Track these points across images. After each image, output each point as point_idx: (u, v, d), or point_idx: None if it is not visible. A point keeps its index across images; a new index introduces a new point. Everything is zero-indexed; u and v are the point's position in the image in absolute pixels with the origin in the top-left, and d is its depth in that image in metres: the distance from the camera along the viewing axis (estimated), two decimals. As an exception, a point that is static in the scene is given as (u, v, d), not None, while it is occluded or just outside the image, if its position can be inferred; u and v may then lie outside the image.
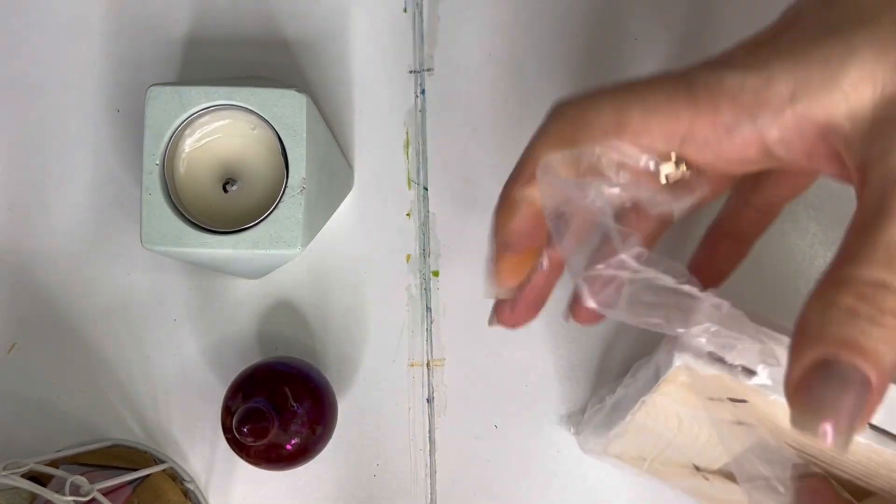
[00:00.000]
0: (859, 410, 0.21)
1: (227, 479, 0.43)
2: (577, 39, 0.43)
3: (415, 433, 0.42)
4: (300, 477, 0.42)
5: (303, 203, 0.35)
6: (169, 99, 0.36)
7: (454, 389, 0.42)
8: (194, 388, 0.43)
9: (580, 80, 0.42)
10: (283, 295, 0.43)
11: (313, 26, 0.43)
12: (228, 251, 0.36)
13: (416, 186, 0.43)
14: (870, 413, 0.21)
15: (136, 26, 0.44)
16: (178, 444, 0.43)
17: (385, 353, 0.43)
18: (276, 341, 0.43)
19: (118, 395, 0.43)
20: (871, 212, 0.22)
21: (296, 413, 0.37)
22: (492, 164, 0.43)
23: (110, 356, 0.43)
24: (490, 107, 0.43)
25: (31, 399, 0.43)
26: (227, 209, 0.37)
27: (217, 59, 0.44)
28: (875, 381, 0.21)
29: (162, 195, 0.36)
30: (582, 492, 0.42)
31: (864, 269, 0.21)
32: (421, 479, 0.42)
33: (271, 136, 0.36)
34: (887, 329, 0.21)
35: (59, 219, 0.44)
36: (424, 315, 0.43)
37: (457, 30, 0.43)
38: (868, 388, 0.21)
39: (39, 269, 0.43)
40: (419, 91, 0.43)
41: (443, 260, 0.43)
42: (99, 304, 0.43)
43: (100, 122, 0.44)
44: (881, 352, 0.21)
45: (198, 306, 0.43)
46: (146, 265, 0.43)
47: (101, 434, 0.43)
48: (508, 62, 0.43)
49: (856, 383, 0.21)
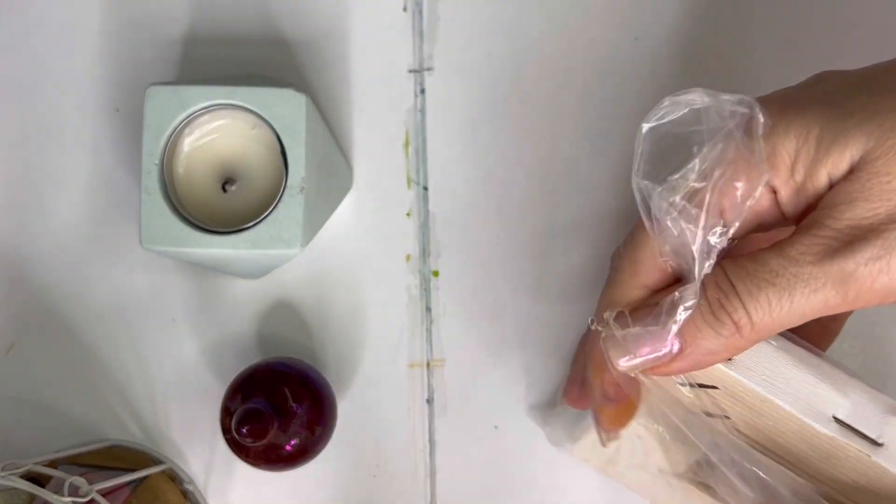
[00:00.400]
0: (647, 357, 0.27)
1: (227, 480, 0.42)
2: (577, 39, 0.43)
3: (414, 434, 0.42)
4: (300, 478, 0.42)
5: (302, 203, 0.35)
6: (168, 98, 0.36)
7: (454, 390, 0.42)
8: (193, 388, 0.43)
9: (580, 80, 0.42)
10: (282, 295, 0.43)
11: (313, 25, 0.43)
12: (228, 251, 0.36)
13: (416, 186, 0.43)
14: (642, 367, 0.27)
15: (135, 25, 0.44)
16: (176, 445, 0.43)
17: (385, 353, 0.42)
18: (276, 341, 0.43)
19: (117, 395, 0.43)
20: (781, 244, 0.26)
21: (295, 414, 0.37)
22: (492, 164, 0.43)
23: (109, 356, 0.43)
24: (490, 107, 0.43)
25: (30, 399, 0.43)
26: (227, 209, 0.37)
27: (216, 59, 0.43)
28: (674, 354, 0.27)
29: (161, 195, 0.36)
30: (582, 492, 0.42)
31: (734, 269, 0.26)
32: (420, 479, 0.42)
33: (271, 136, 0.36)
34: (717, 327, 0.26)
35: (58, 219, 0.43)
36: (424, 315, 0.43)
37: (457, 29, 0.43)
38: (668, 354, 0.27)
39: (38, 270, 0.43)
40: (419, 90, 0.43)
41: (443, 260, 0.43)
42: (98, 305, 0.43)
43: (98, 121, 0.44)
44: (701, 340, 0.26)
45: (197, 306, 0.43)
46: (145, 265, 0.43)
47: (99, 434, 0.43)
48: (508, 62, 0.43)
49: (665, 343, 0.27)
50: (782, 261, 0.25)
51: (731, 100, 0.26)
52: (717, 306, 0.26)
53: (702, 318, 0.26)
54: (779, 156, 0.26)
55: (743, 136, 0.26)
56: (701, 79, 0.42)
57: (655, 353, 0.27)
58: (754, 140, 0.26)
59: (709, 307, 0.26)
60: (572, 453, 0.39)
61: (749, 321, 0.26)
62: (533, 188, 0.43)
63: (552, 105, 0.42)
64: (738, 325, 0.26)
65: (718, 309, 0.26)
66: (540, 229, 0.43)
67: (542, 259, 0.43)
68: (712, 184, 0.26)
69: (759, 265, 0.26)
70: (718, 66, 0.42)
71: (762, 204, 0.27)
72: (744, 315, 0.26)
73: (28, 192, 0.44)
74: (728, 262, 0.27)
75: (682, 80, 0.42)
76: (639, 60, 0.42)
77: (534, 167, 0.43)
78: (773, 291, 0.25)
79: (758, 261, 0.26)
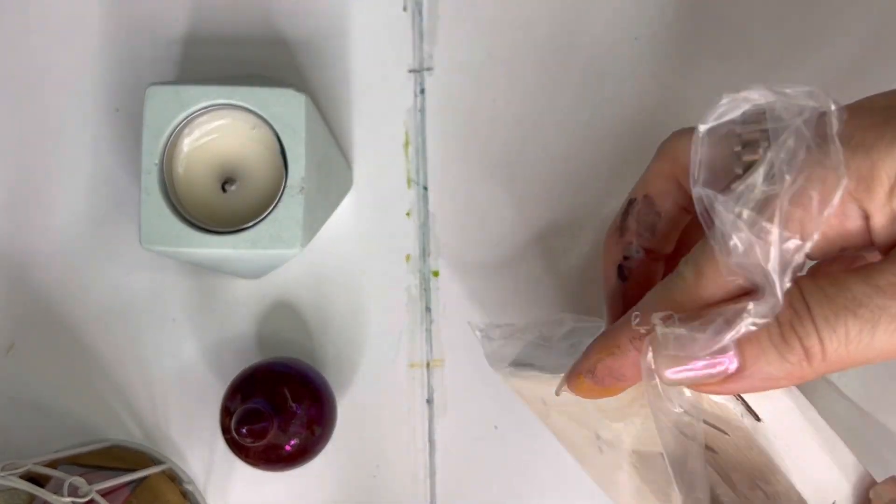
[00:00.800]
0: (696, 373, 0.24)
1: (226, 480, 0.42)
2: (578, 39, 0.43)
3: (414, 434, 0.42)
4: (299, 478, 0.42)
5: (302, 203, 0.35)
6: (168, 98, 0.35)
7: (454, 390, 0.42)
8: (193, 388, 0.43)
9: (580, 80, 0.42)
10: (282, 295, 0.43)
11: (313, 25, 0.43)
12: (227, 251, 0.36)
13: (415, 186, 0.43)
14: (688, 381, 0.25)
15: (135, 25, 0.44)
16: (176, 445, 0.43)
17: (384, 353, 0.42)
18: (276, 341, 0.43)
19: (117, 395, 0.43)
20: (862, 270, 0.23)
21: (295, 414, 0.37)
22: (492, 163, 0.43)
23: (109, 356, 0.43)
24: (490, 107, 0.43)
25: (30, 399, 0.43)
26: (226, 209, 0.37)
27: (216, 58, 0.43)
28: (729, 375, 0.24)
29: (160, 195, 0.36)
30: (582, 493, 0.42)
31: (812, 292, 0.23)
32: (420, 479, 0.42)
33: (270, 136, 0.36)
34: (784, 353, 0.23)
35: (58, 219, 0.43)
36: (424, 315, 0.43)
37: (457, 29, 0.43)
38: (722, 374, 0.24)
39: (38, 270, 0.43)
40: (419, 90, 0.43)
41: (443, 260, 0.43)
42: (97, 305, 0.43)
43: (98, 121, 0.44)
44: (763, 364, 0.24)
45: (197, 306, 0.43)
46: (145, 265, 0.43)
47: (99, 435, 0.43)
48: (508, 62, 0.43)
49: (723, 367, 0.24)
50: (868, 289, 0.23)
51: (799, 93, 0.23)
52: (787, 329, 0.23)
53: (769, 340, 0.24)
54: (877, 177, 0.23)
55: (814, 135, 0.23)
56: (701, 79, 0.42)
57: (709, 369, 0.24)
58: (828, 140, 0.23)
59: (778, 329, 0.24)
60: (506, 381, 0.37)
61: (821, 350, 0.23)
62: (533, 188, 0.43)
63: (552, 105, 0.42)
64: (809, 352, 0.23)
65: (789, 332, 0.23)
66: (540, 229, 0.43)
67: (542, 259, 0.43)
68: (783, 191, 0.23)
69: (841, 290, 0.23)
70: (719, 67, 0.42)
71: (849, 227, 0.24)
72: (817, 343, 0.23)
73: (28, 192, 0.44)
74: (805, 282, 0.24)
75: (682, 80, 0.42)
76: (639, 60, 0.42)
77: (534, 167, 0.43)
78: (854, 322, 0.23)
79: (840, 285, 0.23)
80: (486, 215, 0.43)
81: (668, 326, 0.25)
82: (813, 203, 0.23)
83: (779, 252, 0.23)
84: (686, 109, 0.42)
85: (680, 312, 0.25)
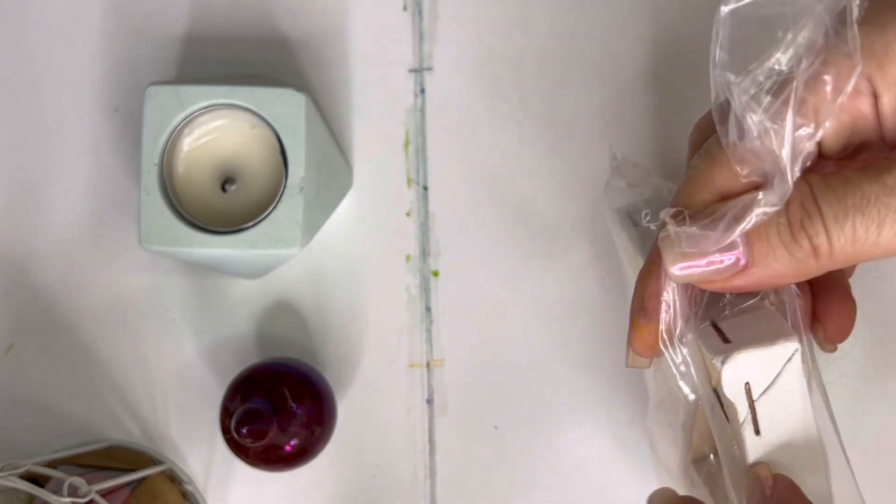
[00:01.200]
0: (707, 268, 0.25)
1: (226, 481, 0.42)
2: (578, 39, 0.43)
3: (414, 434, 0.42)
4: (299, 478, 0.42)
5: (302, 203, 0.35)
6: (167, 98, 0.36)
7: (454, 390, 0.42)
8: (193, 388, 0.43)
9: (580, 80, 0.42)
10: (282, 295, 0.43)
11: (312, 25, 0.43)
12: (227, 251, 0.36)
13: (415, 186, 0.43)
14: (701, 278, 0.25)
15: (134, 25, 0.44)
16: (176, 446, 0.43)
17: (384, 353, 0.42)
18: (275, 342, 0.43)
19: (116, 395, 0.43)
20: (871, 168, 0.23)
21: (295, 414, 0.37)
22: (492, 164, 0.43)
23: (108, 357, 0.43)
24: (490, 107, 0.43)
25: (29, 400, 0.43)
26: (226, 209, 0.37)
27: (216, 58, 0.43)
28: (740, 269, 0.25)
29: (160, 195, 0.36)
30: (582, 493, 0.42)
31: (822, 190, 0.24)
32: (420, 480, 0.42)
33: (270, 136, 0.36)
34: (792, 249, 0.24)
35: (57, 218, 0.43)
36: (424, 315, 0.43)
37: (457, 29, 0.43)
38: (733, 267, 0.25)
39: (37, 270, 0.43)
40: (419, 90, 0.43)
41: (443, 260, 0.43)
42: (97, 305, 0.43)
43: (98, 121, 0.44)
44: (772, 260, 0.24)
45: (196, 306, 0.43)
46: (144, 265, 0.43)
47: (99, 435, 0.43)
48: (508, 62, 0.43)
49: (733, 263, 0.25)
50: (876, 188, 0.23)
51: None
52: (797, 227, 0.24)
53: (778, 237, 0.24)
54: (891, 56, 0.23)
55: (834, 21, 0.23)
56: (701, 80, 0.42)
57: (717, 265, 0.25)
58: (847, 26, 0.23)
59: (788, 226, 0.24)
60: (607, 220, 0.36)
61: (829, 247, 0.24)
62: (533, 188, 0.43)
63: (552, 105, 0.42)
64: (817, 250, 0.24)
65: (799, 230, 0.24)
66: (540, 229, 0.43)
67: (542, 259, 0.42)
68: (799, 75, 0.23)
69: (850, 188, 0.23)
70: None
71: (859, 108, 0.24)
72: (825, 241, 0.24)
73: (27, 192, 0.44)
74: (816, 180, 0.24)
75: (682, 80, 0.42)
76: (639, 60, 0.42)
77: (534, 167, 0.43)
78: (861, 220, 0.23)
79: (849, 183, 0.23)
80: (485, 215, 0.43)
81: (679, 225, 0.25)
82: (827, 89, 0.23)
83: (791, 138, 0.23)
84: (687, 110, 0.42)
85: (693, 207, 0.26)
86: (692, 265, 0.25)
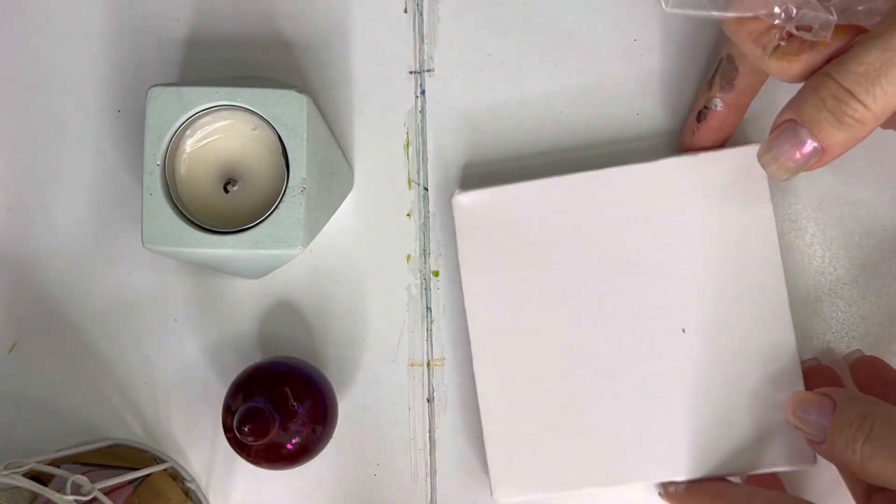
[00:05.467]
0: (799, 159, 0.32)
1: (228, 479, 0.43)
2: (577, 40, 0.43)
3: (415, 433, 0.42)
4: (300, 476, 0.42)
5: (303, 203, 0.35)
6: (170, 99, 0.36)
7: (454, 389, 0.42)
8: (195, 387, 0.43)
9: (580, 80, 0.43)
10: (283, 295, 0.43)
11: (314, 27, 0.43)
12: (229, 251, 0.36)
13: (416, 186, 0.43)
14: (806, 167, 0.32)
15: (137, 27, 0.44)
16: (178, 444, 0.43)
17: (385, 352, 0.43)
18: (277, 341, 0.43)
19: (119, 394, 0.43)
20: (874, 35, 0.29)
21: (296, 413, 0.37)
22: (491, 164, 0.43)
23: (111, 356, 0.43)
24: (490, 107, 0.43)
25: (32, 399, 0.43)
26: (228, 209, 0.37)
27: (218, 60, 0.44)
28: (821, 152, 0.31)
29: (163, 195, 0.36)
30: (581, 491, 0.42)
31: (844, 77, 0.30)
32: (421, 478, 0.42)
33: (272, 137, 0.36)
34: (844, 126, 0.30)
35: (60, 219, 0.44)
36: (424, 315, 0.43)
37: (457, 30, 0.43)
38: (816, 152, 0.31)
39: (40, 270, 0.44)
40: (419, 91, 0.43)
41: (443, 260, 0.43)
42: (100, 305, 0.43)
43: (101, 122, 0.44)
44: (834, 137, 0.31)
45: (198, 306, 0.43)
46: (147, 265, 0.43)
47: (101, 434, 0.43)
48: (508, 62, 0.43)
49: (805, 143, 0.31)
50: (883, 55, 0.29)
51: None
52: (839, 113, 0.30)
53: (830, 126, 0.30)
54: None
55: None
56: (701, 81, 0.42)
57: (807, 159, 0.32)
58: None
59: (832, 116, 0.30)
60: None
61: (871, 113, 0.30)
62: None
63: (551, 106, 0.43)
64: (863, 120, 0.30)
65: (842, 115, 0.30)
66: (539, 229, 0.43)
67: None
68: None
69: (867, 64, 0.29)
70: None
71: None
72: (865, 111, 0.29)
73: (30, 193, 0.44)
74: (836, 70, 0.30)
75: (682, 80, 0.42)
76: (639, 61, 0.42)
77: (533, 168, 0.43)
78: (885, 82, 0.29)
79: (862, 60, 0.29)
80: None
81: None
82: None
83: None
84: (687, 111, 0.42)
85: None
86: (784, 156, 0.32)
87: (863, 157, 0.41)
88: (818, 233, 0.41)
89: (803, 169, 0.32)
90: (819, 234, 0.41)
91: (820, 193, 0.41)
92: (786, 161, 0.32)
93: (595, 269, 0.39)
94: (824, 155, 0.31)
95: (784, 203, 0.41)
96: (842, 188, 0.41)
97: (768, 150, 0.33)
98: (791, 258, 0.41)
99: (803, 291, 0.41)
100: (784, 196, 0.41)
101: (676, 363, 0.39)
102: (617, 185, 0.39)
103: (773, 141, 0.32)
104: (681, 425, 0.39)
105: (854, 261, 0.41)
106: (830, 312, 0.41)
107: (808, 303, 0.41)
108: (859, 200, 0.41)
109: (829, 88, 0.30)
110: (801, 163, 0.32)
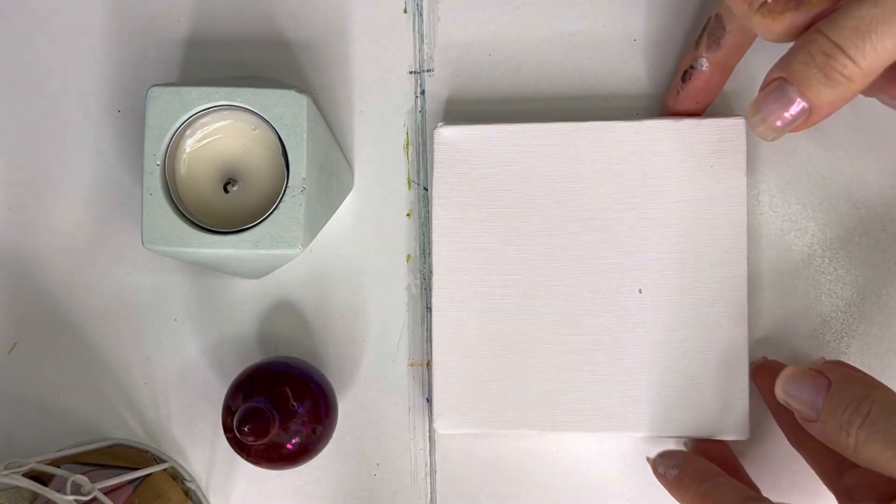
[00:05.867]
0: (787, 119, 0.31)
1: (228, 479, 0.43)
2: (577, 39, 0.43)
3: (415, 432, 0.42)
4: (300, 476, 0.42)
5: (303, 203, 0.36)
6: (170, 99, 0.36)
7: (454, 389, 0.42)
8: (195, 387, 0.43)
9: (580, 80, 0.43)
10: (283, 295, 0.43)
11: (314, 27, 0.44)
12: (229, 251, 0.36)
13: (416, 186, 0.43)
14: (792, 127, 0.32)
15: (137, 27, 0.44)
16: (178, 444, 0.43)
17: (385, 352, 0.43)
18: (277, 341, 0.43)
19: (119, 394, 0.43)
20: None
21: (296, 412, 0.37)
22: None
23: (111, 356, 0.43)
24: (490, 107, 0.43)
25: (32, 399, 0.43)
26: (228, 209, 0.37)
27: (218, 60, 0.44)
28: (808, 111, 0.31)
29: (163, 195, 0.36)
30: (582, 491, 0.42)
31: (833, 31, 0.29)
32: (421, 478, 0.42)
33: (272, 137, 0.36)
34: (832, 83, 0.30)
35: (60, 219, 0.44)
36: (424, 315, 0.43)
37: (457, 30, 0.43)
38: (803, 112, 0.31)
39: (40, 270, 0.44)
40: (419, 92, 0.43)
41: (443, 260, 0.43)
42: (100, 305, 0.43)
43: (100, 122, 0.44)
44: (822, 95, 0.30)
45: (198, 306, 0.43)
46: (147, 265, 0.43)
47: (101, 434, 0.43)
48: (508, 62, 0.43)
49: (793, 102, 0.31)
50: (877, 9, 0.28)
51: None
52: (828, 69, 0.29)
53: (818, 83, 0.30)
54: None
55: None
56: (700, 80, 0.42)
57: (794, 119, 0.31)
58: None
59: (821, 73, 0.29)
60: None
61: (860, 70, 0.29)
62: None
63: (551, 106, 0.43)
64: (852, 77, 0.29)
65: (831, 71, 0.29)
66: (539, 229, 0.43)
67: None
68: None
69: (857, 18, 0.28)
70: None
71: None
72: (854, 67, 0.29)
73: (30, 193, 0.44)
74: (826, 25, 0.29)
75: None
76: (638, 60, 0.42)
77: (533, 168, 0.43)
78: (875, 38, 0.28)
79: (853, 16, 0.29)
80: (485, 215, 0.43)
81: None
82: None
83: None
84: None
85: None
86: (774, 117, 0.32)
87: (864, 156, 0.41)
88: (818, 233, 0.41)
89: (791, 129, 0.32)
90: (819, 234, 0.41)
91: (820, 193, 0.41)
92: (773, 121, 0.32)
93: (562, 220, 0.40)
94: (812, 115, 0.31)
95: (784, 203, 0.41)
96: (842, 188, 0.41)
97: (756, 111, 0.32)
98: (791, 258, 0.41)
99: (803, 291, 0.41)
100: (784, 195, 0.41)
101: (629, 323, 0.39)
102: (597, 140, 0.40)
103: (761, 100, 0.32)
104: (625, 382, 0.39)
105: (854, 261, 0.41)
106: (830, 312, 0.41)
107: (807, 302, 0.41)
108: (859, 200, 0.41)
109: (818, 44, 0.29)
110: (789, 122, 0.31)
